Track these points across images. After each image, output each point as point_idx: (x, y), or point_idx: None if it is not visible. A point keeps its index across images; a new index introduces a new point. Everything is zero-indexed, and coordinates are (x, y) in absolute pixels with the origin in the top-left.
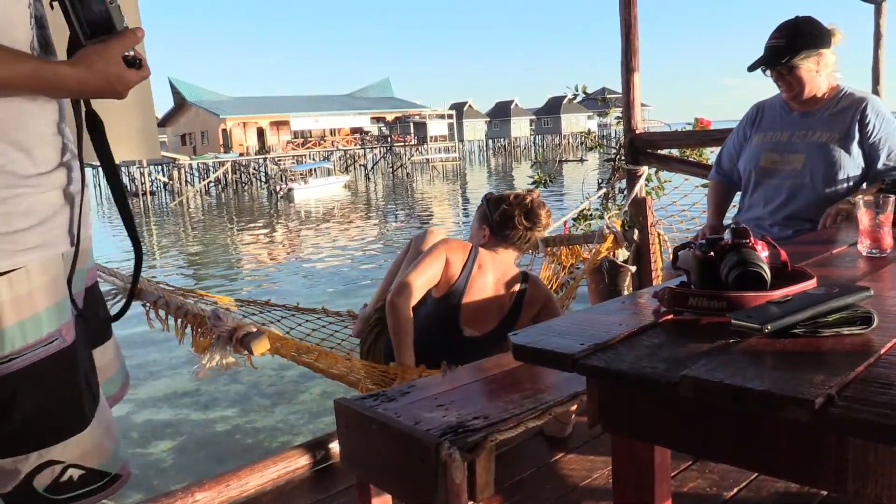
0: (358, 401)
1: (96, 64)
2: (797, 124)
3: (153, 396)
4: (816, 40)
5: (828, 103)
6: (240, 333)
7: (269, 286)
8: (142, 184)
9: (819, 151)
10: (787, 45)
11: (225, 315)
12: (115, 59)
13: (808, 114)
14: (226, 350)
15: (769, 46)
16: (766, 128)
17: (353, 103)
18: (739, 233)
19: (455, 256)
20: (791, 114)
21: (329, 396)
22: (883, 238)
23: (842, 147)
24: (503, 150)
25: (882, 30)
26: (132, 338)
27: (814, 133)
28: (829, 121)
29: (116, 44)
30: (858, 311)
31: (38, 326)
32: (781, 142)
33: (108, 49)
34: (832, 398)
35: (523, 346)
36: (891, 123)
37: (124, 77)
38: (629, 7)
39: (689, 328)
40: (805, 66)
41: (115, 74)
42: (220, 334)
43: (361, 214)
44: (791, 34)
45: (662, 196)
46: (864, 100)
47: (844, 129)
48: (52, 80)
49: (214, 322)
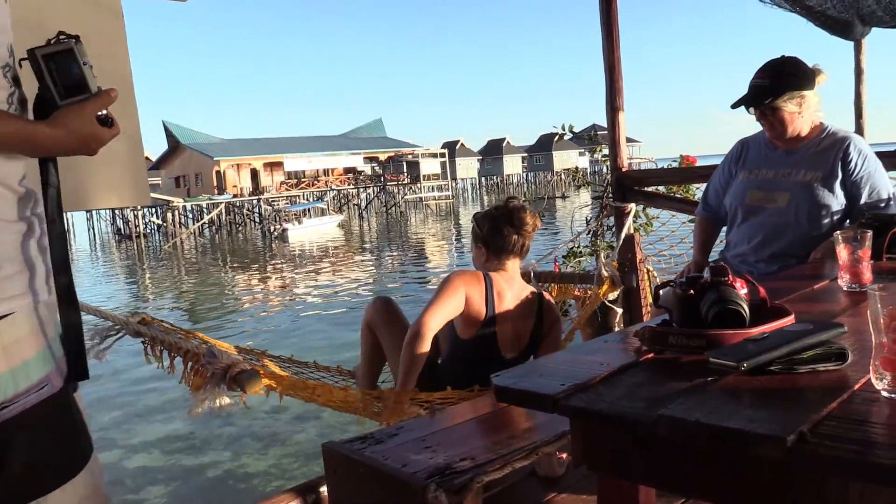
0: (346, 444)
1: (73, 125)
2: (782, 162)
3: (146, 441)
4: (800, 82)
5: (811, 142)
6: (234, 371)
7: (264, 327)
8: (135, 226)
9: (803, 190)
10: (771, 85)
11: (220, 353)
12: (90, 119)
13: (793, 152)
14: (219, 388)
15: (753, 86)
16: (750, 165)
17: (347, 144)
18: (718, 271)
19: (473, 290)
20: (775, 151)
21: (324, 438)
22: (862, 273)
23: (825, 186)
24: (496, 187)
25: (862, 65)
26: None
27: (798, 172)
28: (812, 159)
29: (91, 105)
30: (833, 348)
31: (28, 373)
32: (767, 180)
33: (84, 110)
34: (804, 435)
35: (506, 387)
36: (872, 162)
37: (98, 136)
38: (612, 49)
39: (669, 367)
40: (787, 108)
41: (90, 134)
42: (214, 371)
43: (356, 252)
44: (775, 75)
45: (651, 233)
46: (847, 139)
47: (828, 168)
48: (33, 140)
49: (209, 359)
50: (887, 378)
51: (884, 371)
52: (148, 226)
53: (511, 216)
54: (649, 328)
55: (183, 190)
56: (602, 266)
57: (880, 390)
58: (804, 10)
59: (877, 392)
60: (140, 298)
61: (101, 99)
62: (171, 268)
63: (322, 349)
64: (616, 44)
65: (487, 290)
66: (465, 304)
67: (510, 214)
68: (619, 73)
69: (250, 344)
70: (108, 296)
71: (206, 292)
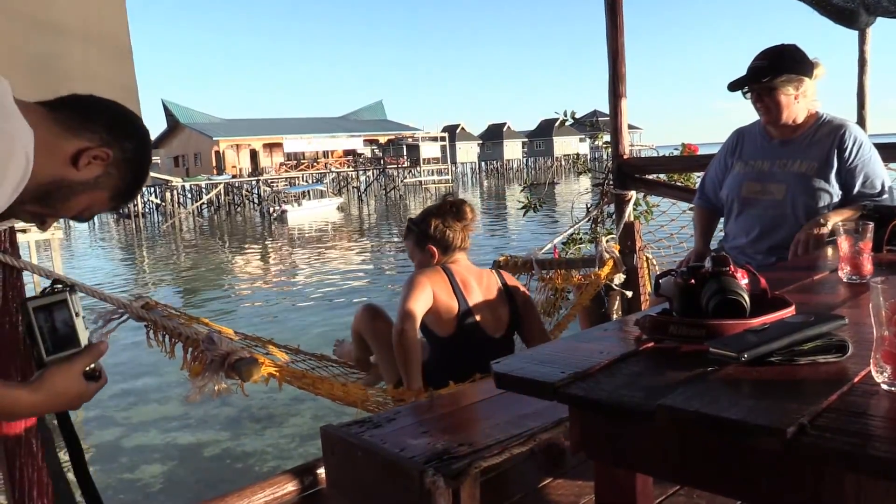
0: (344, 427)
1: (59, 386)
2: (777, 153)
3: (143, 420)
4: (799, 66)
5: (807, 131)
6: (232, 359)
7: (262, 310)
8: (133, 205)
9: (799, 181)
10: (770, 65)
11: (219, 339)
12: (77, 376)
13: (788, 142)
14: (218, 375)
15: (752, 67)
16: (746, 156)
17: (346, 126)
18: (720, 260)
19: (438, 285)
20: (771, 142)
21: (320, 420)
22: (863, 264)
23: (821, 176)
24: (496, 172)
25: (866, 55)
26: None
27: (793, 162)
28: (808, 149)
29: (80, 362)
30: (833, 340)
31: None
32: (762, 171)
33: (73, 367)
34: (804, 427)
35: (505, 374)
36: (868, 150)
37: (83, 394)
38: (616, 35)
39: (669, 356)
40: (784, 90)
41: (76, 395)
42: (213, 358)
43: (355, 235)
44: (775, 57)
45: (651, 220)
46: (842, 126)
47: (823, 157)
48: (12, 409)
49: (207, 345)
50: (888, 371)
51: (884, 364)
52: (146, 205)
53: (456, 211)
54: (650, 317)
55: (182, 169)
56: (604, 249)
57: (880, 383)
58: None
59: (877, 385)
60: (138, 279)
61: (90, 355)
62: (169, 247)
63: (320, 333)
64: (620, 30)
65: (451, 281)
66: (434, 300)
67: (455, 210)
68: (623, 59)
69: (248, 328)
70: (107, 274)
71: (203, 273)
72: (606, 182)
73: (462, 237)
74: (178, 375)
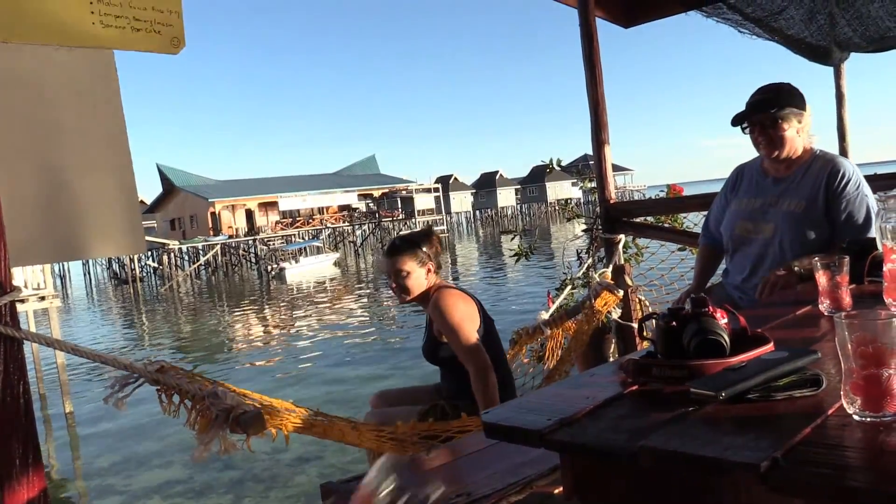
0: (343, 483)
1: None
2: (770, 190)
3: (146, 487)
4: (798, 101)
5: (801, 167)
6: (236, 413)
7: (264, 369)
8: (131, 270)
9: (787, 220)
10: (774, 98)
11: (224, 393)
12: None
13: (782, 180)
14: (223, 431)
15: (756, 100)
16: (742, 194)
17: (340, 181)
18: (698, 302)
19: (468, 304)
20: (766, 179)
21: (326, 478)
22: (842, 298)
23: (809, 215)
24: (490, 219)
25: (843, 90)
26: (123, 428)
27: (784, 201)
28: (798, 187)
29: None
30: (807, 374)
31: None
32: (754, 210)
33: None
34: (777, 461)
35: (494, 423)
36: (857, 186)
37: None
38: (595, 86)
39: (652, 398)
40: (789, 123)
41: None
42: (217, 413)
43: (353, 290)
44: (776, 91)
45: (641, 262)
46: (832, 163)
47: (813, 194)
48: None
49: (212, 401)
50: (858, 402)
51: (854, 395)
52: (144, 269)
53: (436, 237)
54: (633, 361)
55: (178, 232)
56: (597, 282)
57: (852, 414)
58: (783, 38)
59: (849, 416)
60: (137, 344)
61: None
62: (168, 311)
63: (326, 387)
64: (599, 80)
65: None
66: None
67: (434, 235)
68: (604, 108)
69: (249, 386)
70: (108, 340)
71: (203, 335)
72: (595, 227)
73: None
74: (179, 439)
